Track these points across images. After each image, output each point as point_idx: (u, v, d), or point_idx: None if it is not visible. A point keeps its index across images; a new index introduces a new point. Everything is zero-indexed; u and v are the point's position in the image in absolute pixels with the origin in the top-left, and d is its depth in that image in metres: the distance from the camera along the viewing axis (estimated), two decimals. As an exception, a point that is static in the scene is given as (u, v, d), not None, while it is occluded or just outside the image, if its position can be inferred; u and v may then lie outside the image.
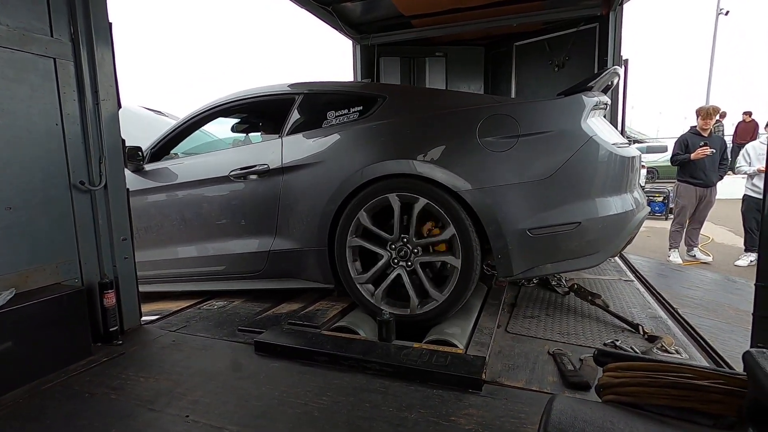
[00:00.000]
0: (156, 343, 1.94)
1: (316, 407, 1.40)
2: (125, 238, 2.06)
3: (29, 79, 1.70)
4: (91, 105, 1.90)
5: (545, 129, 1.90)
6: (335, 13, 4.16)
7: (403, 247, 2.01)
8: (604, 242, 1.93)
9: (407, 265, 2.01)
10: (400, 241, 2.02)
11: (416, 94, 2.54)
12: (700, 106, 4.90)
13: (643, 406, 0.74)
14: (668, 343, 1.81)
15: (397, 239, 2.02)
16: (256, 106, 2.70)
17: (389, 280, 2.03)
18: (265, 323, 2.10)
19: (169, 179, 2.62)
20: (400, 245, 2.02)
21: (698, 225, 5.06)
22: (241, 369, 1.71)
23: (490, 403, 1.42)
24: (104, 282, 1.93)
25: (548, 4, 3.98)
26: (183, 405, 1.43)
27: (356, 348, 1.74)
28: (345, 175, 2.11)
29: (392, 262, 2.04)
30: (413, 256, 2.00)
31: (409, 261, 2.01)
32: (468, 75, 5.03)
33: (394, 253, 2.03)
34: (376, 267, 2.06)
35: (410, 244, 2.00)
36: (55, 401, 1.48)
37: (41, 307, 1.64)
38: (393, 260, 2.04)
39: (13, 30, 1.64)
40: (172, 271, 2.69)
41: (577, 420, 0.62)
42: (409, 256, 2.00)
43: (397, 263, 2.03)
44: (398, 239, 2.02)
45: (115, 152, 2.00)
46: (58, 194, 1.81)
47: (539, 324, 2.08)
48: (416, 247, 2.00)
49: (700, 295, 3.08)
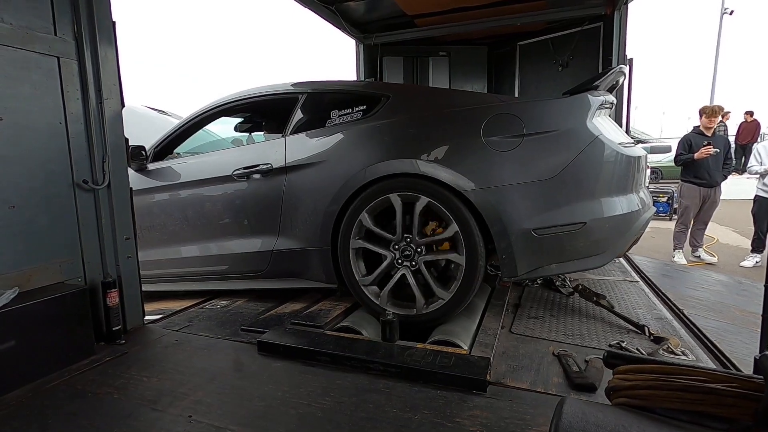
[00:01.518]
0: (159, 343, 1.94)
1: (319, 408, 1.39)
2: (128, 237, 2.05)
3: (33, 77, 1.70)
4: (94, 104, 1.89)
5: (550, 128, 1.89)
6: (338, 13, 4.15)
7: (406, 247, 2.00)
8: (610, 242, 1.92)
9: (411, 264, 2.00)
10: (403, 241, 2.01)
11: (420, 94, 2.52)
12: (704, 105, 4.86)
13: (654, 410, 0.73)
14: (674, 344, 1.79)
15: (400, 239, 2.01)
16: (259, 106, 2.69)
17: (394, 281, 2.02)
18: (268, 323, 2.09)
19: (173, 178, 2.62)
20: (403, 245, 2.01)
21: (703, 225, 5.03)
22: (243, 369, 1.70)
23: (494, 404, 1.40)
24: (107, 281, 1.92)
25: (552, 3, 3.96)
26: (186, 405, 1.42)
27: (359, 348, 1.73)
28: (348, 174, 2.10)
29: (396, 262, 2.03)
30: (417, 256, 1.99)
31: (413, 261, 1.99)
32: (471, 74, 5.02)
33: (397, 254, 2.02)
34: (380, 268, 2.04)
35: (414, 243, 1.99)
36: (57, 400, 1.48)
37: (44, 306, 1.63)
38: (397, 260, 2.02)
39: (17, 29, 1.63)
40: (174, 271, 2.68)
41: (589, 423, 0.60)
42: (413, 256, 1.99)
43: (401, 263, 2.02)
44: (401, 239, 2.01)
45: (118, 151, 2.00)
46: (61, 193, 1.81)
47: (544, 325, 2.06)
48: (420, 246, 1.98)
49: (706, 296, 3.06)
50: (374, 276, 2.05)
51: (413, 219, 1.97)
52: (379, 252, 2.05)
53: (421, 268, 1.98)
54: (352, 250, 2.09)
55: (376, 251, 2.06)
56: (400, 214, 1.98)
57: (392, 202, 1.98)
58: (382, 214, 2.08)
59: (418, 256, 1.99)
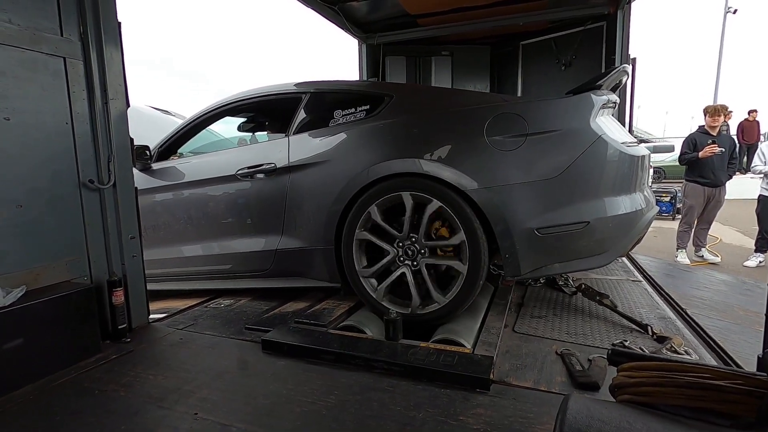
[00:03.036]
0: (164, 341, 1.95)
1: (323, 405, 1.40)
2: (133, 236, 2.07)
3: (40, 78, 1.71)
4: (100, 104, 1.91)
5: (554, 128, 1.89)
6: (341, 13, 4.16)
7: (410, 246, 2.01)
8: (613, 242, 1.92)
9: (413, 264, 2.01)
10: (408, 240, 2.01)
11: (424, 93, 2.53)
12: (708, 104, 4.85)
13: (658, 406, 0.73)
14: (678, 343, 1.79)
15: (405, 237, 2.01)
16: (262, 106, 2.70)
17: (393, 277, 2.03)
18: (272, 322, 2.10)
19: (177, 178, 2.64)
20: (408, 244, 2.01)
21: (706, 225, 5.01)
22: (248, 367, 1.71)
23: (498, 402, 1.41)
24: (113, 280, 1.94)
25: (555, 2, 3.95)
26: (191, 402, 1.43)
27: (363, 347, 1.74)
28: (352, 173, 2.10)
29: (398, 260, 2.03)
30: (420, 257, 1.99)
31: (415, 261, 2.00)
32: (474, 74, 5.02)
33: (400, 251, 2.03)
34: (381, 262, 2.05)
35: (418, 244, 2.00)
36: (65, 398, 1.49)
37: (51, 305, 1.65)
38: (399, 258, 2.03)
39: (24, 29, 1.65)
40: (178, 270, 2.70)
41: (594, 419, 0.61)
42: (416, 256, 2.00)
43: (402, 261, 2.03)
44: (407, 238, 2.01)
45: (123, 151, 2.01)
46: (68, 193, 1.82)
47: (547, 324, 2.07)
48: (424, 248, 1.99)
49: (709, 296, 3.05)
50: (374, 269, 2.06)
51: (422, 220, 1.97)
52: (383, 246, 2.05)
53: (422, 269, 1.98)
54: (356, 241, 2.09)
55: (380, 245, 2.06)
56: (410, 212, 1.98)
57: (404, 200, 1.98)
58: (387, 212, 2.08)
59: (420, 257, 1.99)
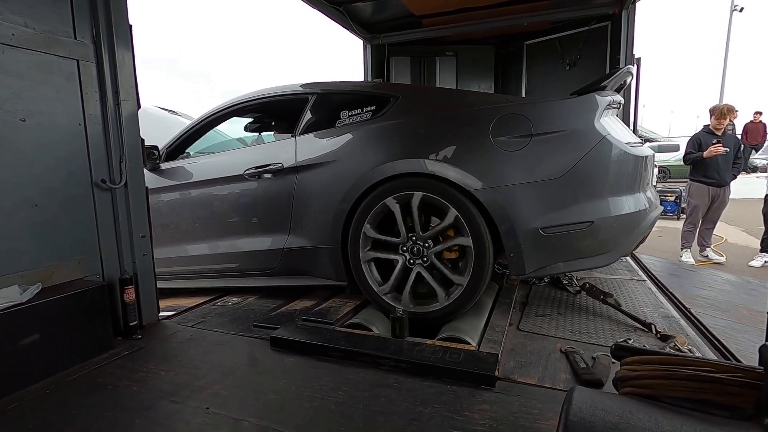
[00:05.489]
0: (174, 338, 1.99)
1: (332, 401, 1.43)
2: (144, 235, 2.11)
3: (54, 80, 1.75)
4: (112, 105, 1.95)
5: (558, 128, 1.91)
6: (346, 13, 4.19)
7: (414, 245, 2.03)
8: (617, 241, 1.94)
9: (423, 261, 2.03)
10: (410, 241, 2.04)
11: (429, 94, 2.55)
12: (714, 104, 4.84)
13: (660, 398, 0.76)
14: (681, 342, 1.81)
15: (406, 240, 2.04)
16: (269, 106, 2.73)
17: (411, 281, 2.04)
18: (280, 319, 2.14)
19: (185, 178, 2.67)
20: (410, 244, 2.04)
21: (711, 225, 5.00)
22: (258, 364, 1.75)
23: (503, 399, 1.43)
24: (124, 278, 1.97)
25: (559, 2, 3.96)
26: (203, 398, 1.47)
27: (370, 344, 1.77)
28: (358, 173, 2.13)
29: (408, 263, 2.06)
30: (426, 250, 2.02)
31: (425, 257, 2.02)
32: (478, 74, 5.03)
33: (408, 255, 2.05)
34: (394, 274, 2.07)
35: (420, 240, 2.02)
36: (80, 393, 1.53)
37: (66, 302, 1.69)
38: (409, 261, 2.06)
39: (40, 33, 1.69)
40: (187, 268, 2.74)
41: (597, 409, 0.64)
42: (423, 252, 2.02)
43: (413, 263, 2.05)
44: (407, 239, 2.04)
45: (134, 151, 2.05)
46: (81, 192, 1.87)
47: (551, 322, 2.09)
48: (426, 240, 2.01)
49: (714, 296, 3.06)
50: (390, 282, 2.08)
51: (412, 215, 2.00)
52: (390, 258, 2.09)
53: (433, 260, 2.00)
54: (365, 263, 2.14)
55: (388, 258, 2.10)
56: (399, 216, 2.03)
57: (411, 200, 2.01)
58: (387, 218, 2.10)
59: (427, 250, 2.02)
